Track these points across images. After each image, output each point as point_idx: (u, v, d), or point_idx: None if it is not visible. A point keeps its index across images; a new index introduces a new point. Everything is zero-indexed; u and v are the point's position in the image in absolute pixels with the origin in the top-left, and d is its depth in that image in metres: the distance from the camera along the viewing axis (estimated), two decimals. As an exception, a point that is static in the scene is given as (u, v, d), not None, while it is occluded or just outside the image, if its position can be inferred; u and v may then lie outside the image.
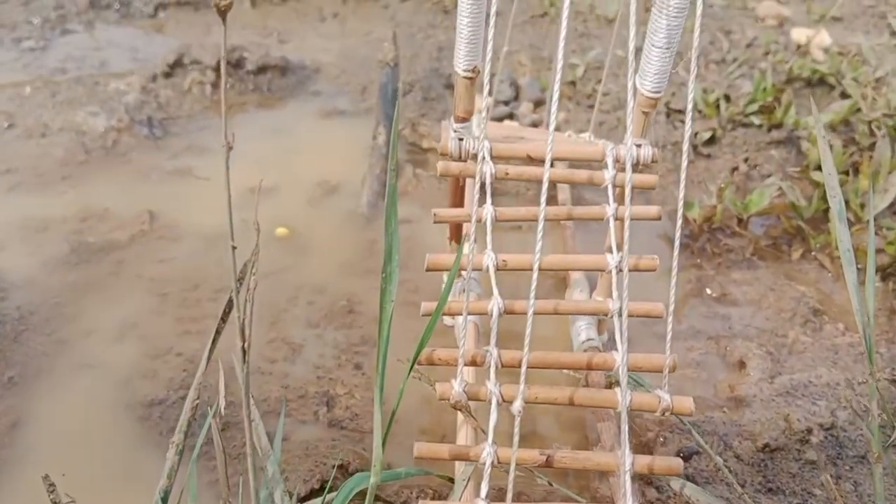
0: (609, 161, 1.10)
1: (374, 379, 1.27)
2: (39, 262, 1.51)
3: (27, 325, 1.37)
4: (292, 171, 1.86)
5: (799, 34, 2.55)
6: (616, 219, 1.07)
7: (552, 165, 0.90)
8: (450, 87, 2.17)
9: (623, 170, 1.08)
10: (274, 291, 1.47)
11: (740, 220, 1.69)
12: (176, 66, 2.16)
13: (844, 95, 2.15)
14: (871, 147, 1.84)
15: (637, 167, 1.10)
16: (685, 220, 1.66)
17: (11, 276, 1.48)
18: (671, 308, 0.94)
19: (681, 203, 0.94)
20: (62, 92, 2.08)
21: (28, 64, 2.27)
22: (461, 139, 1.08)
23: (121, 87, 2.07)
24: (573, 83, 2.20)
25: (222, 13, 0.73)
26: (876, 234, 1.71)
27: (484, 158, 1.03)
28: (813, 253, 1.64)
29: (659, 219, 1.08)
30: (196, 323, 1.39)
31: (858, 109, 1.96)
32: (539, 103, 2.14)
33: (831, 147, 1.87)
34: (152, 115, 1.99)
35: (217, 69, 2.14)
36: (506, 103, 2.15)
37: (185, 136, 1.96)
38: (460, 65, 1.03)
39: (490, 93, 0.91)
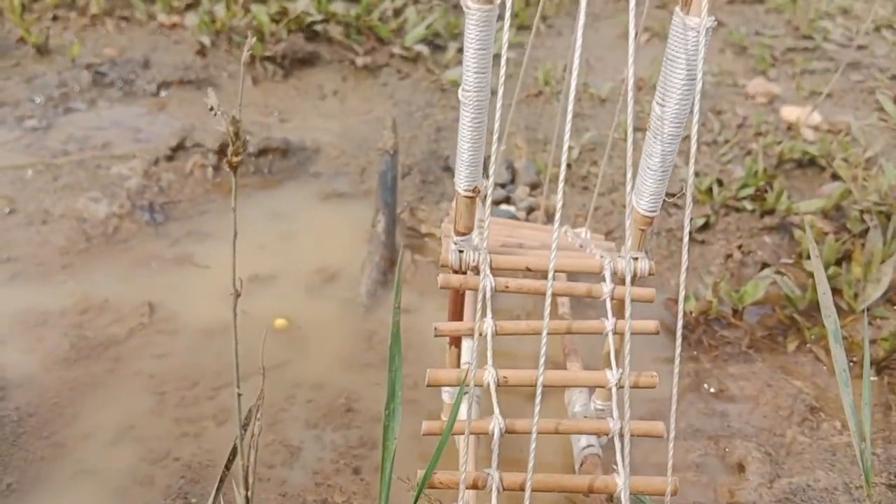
0: (607, 275, 1.12)
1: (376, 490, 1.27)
2: (38, 359, 1.51)
3: (25, 428, 1.36)
4: (291, 257, 1.88)
5: (789, 112, 2.61)
6: (615, 333, 1.09)
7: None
8: (448, 169, 2.21)
9: (621, 282, 1.10)
10: (272, 389, 1.47)
11: (735, 311, 1.71)
12: (178, 149, 2.19)
13: (836, 176, 2.18)
14: (863, 234, 1.87)
15: (634, 279, 1.12)
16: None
17: (10, 373, 1.48)
18: (671, 434, 0.94)
19: (681, 307, 0.95)
20: (64, 176, 2.11)
21: (30, 144, 2.30)
22: (461, 251, 1.10)
23: (123, 171, 2.10)
24: (568, 165, 2.24)
25: (234, 168, 0.75)
26: (869, 323, 1.72)
27: (485, 273, 1.05)
28: (808, 345, 1.65)
29: (657, 333, 1.10)
30: (193, 424, 1.39)
31: (850, 192, 1.99)
32: (535, 186, 2.17)
33: (824, 235, 1.90)
34: (154, 199, 2.02)
35: (219, 152, 2.17)
36: (502, 186, 2.18)
37: (186, 221, 1.98)
38: (461, 185, 1.06)
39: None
